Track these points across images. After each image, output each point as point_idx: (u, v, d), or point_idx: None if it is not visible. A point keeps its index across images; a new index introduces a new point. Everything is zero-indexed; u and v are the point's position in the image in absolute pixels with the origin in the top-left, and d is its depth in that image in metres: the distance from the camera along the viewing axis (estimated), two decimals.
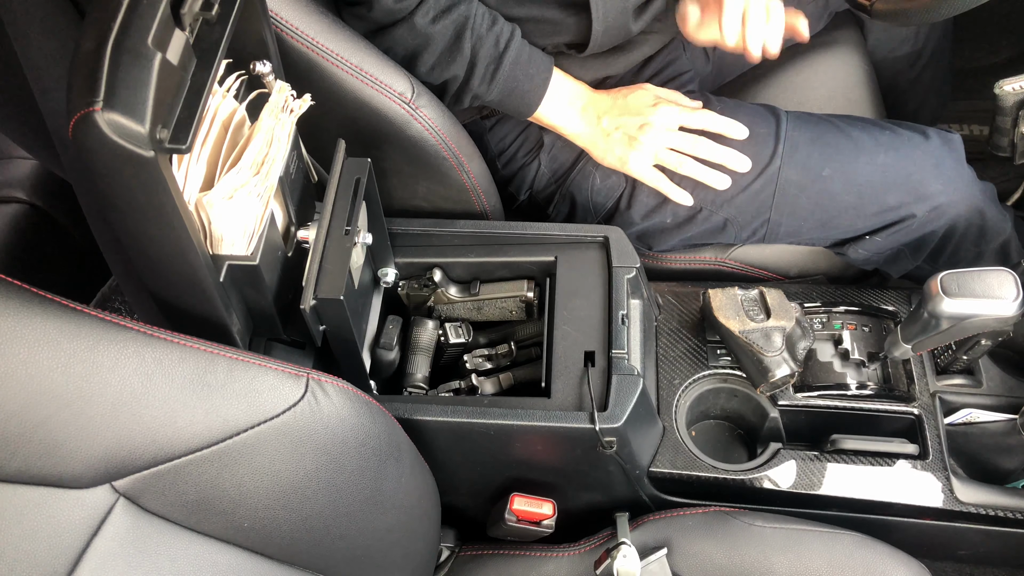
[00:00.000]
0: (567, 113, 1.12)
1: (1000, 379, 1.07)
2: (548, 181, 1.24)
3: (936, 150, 1.13)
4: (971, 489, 0.99)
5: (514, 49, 1.05)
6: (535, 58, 1.08)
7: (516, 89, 1.08)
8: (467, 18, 1.02)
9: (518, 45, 1.06)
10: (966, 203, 1.13)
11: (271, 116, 0.80)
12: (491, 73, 1.05)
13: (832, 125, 1.16)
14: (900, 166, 1.11)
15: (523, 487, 1.01)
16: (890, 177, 1.12)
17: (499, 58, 1.04)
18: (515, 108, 1.11)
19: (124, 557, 0.62)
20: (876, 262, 1.18)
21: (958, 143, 1.15)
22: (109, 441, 0.60)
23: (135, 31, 0.60)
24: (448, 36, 1.02)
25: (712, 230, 1.18)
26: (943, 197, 1.11)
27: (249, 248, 0.77)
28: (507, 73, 1.05)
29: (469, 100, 1.09)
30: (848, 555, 0.94)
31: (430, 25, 1.01)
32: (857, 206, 1.13)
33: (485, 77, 1.05)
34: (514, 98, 1.09)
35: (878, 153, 1.12)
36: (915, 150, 1.12)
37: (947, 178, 1.12)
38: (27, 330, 0.56)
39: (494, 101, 1.09)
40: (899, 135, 1.14)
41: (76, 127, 0.58)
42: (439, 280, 1.06)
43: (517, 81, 1.07)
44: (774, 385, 1.02)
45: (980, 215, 1.14)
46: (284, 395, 0.68)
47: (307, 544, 0.75)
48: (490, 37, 1.04)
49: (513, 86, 1.07)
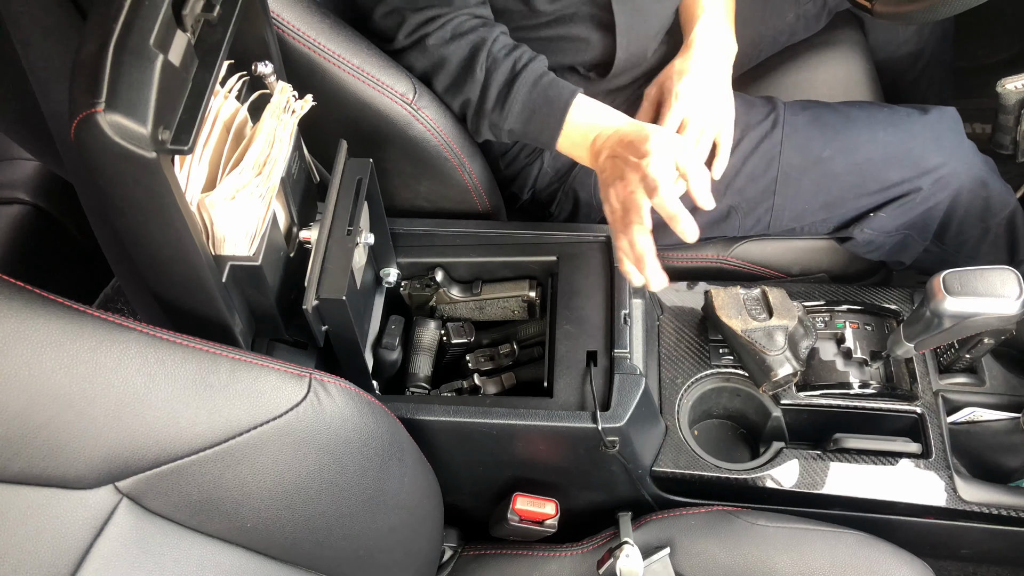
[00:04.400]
0: (581, 143, 1.01)
1: (1003, 378, 1.06)
2: (551, 180, 1.24)
3: (935, 124, 1.13)
4: (974, 488, 0.99)
5: (531, 73, 1.00)
6: (555, 85, 1.01)
7: (534, 116, 1.01)
8: (483, 40, 1.00)
9: (536, 70, 1.00)
10: (968, 174, 1.12)
11: (273, 117, 0.80)
12: (503, 97, 1.00)
13: (829, 107, 1.16)
14: (900, 141, 1.10)
15: (526, 487, 1.01)
16: (891, 153, 1.12)
17: (512, 82, 1.00)
18: (536, 138, 1.03)
19: (127, 558, 0.62)
20: (883, 248, 1.18)
21: (956, 117, 1.15)
22: (112, 442, 0.60)
23: (137, 32, 0.60)
24: (462, 57, 1.00)
25: (716, 219, 1.18)
26: (945, 169, 1.11)
27: (251, 249, 0.77)
28: (521, 98, 1.00)
29: (487, 128, 1.04)
30: (851, 554, 0.94)
31: (443, 47, 1.00)
32: (859, 184, 1.13)
33: (498, 102, 1.01)
34: (533, 127, 1.02)
35: (877, 130, 1.12)
36: (914, 125, 1.13)
37: (948, 150, 1.12)
38: (30, 331, 0.56)
39: (515, 131, 1.03)
40: (897, 112, 1.15)
41: (78, 128, 0.58)
42: (441, 280, 1.06)
43: (535, 107, 1.00)
44: (776, 384, 1.02)
45: (983, 186, 1.14)
46: (287, 395, 0.68)
47: (310, 544, 0.75)
48: (507, 61, 1.00)
49: (530, 114, 1.01)
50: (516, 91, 1.00)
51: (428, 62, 1.02)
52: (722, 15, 1.14)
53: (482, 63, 1.00)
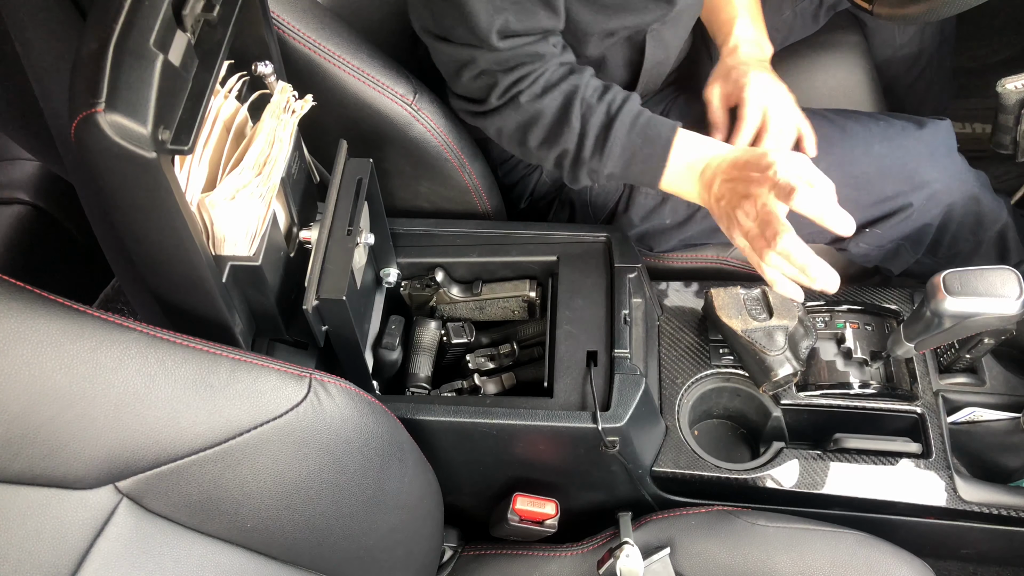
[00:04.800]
0: (688, 177, 0.98)
1: (1003, 378, 1.07)
2: (548, 188, 1.24)
3: (930, 138, 1.13)
4: (974, 488, 0.99)
5: (627, 114, 0.97)
6: (654, 123, 0.98)
7: (636, 157, 0.98)
8: (576, 88, 0.97)
9: (631, 111, 0.98)
10: (961, 190, 1.13)
11: (273, 117, 0.80)
12: (602, 142, 0.97)
13: (825, 119, 1.16)
14: (895, 155, 1.11)
15: (526, 487, 1.01)
16: (886, 166, 1.12)
17: (609, 125, 0.97)
18: (638, 178, 1.00)
19: (127, 558, 0.62)
20: (876, 257, 1.18)
21: (950, 130, 1.16)
22: (112, 442, 0.60)
23: (137, 33, 0.60)
24: (556, 110, 0.97)
25: (712, 229, 1.18)
26: (939, 184, 1.11)
27: (251, 249, 0.77)
28: (621, 141, 0.97)
29: (585, 175, 1.01)
30: (851, 554, 0.94)
31: (536, 101, 0.97)
32: (855, 198, 1.13)
33: (596, 147, 0.97)
34: (635, 167, 0.98)
35: (872, 143, 1.12)
36: (909, 139, 1.13)
37: (942, 165, 1.12)
38: (30, 331, 0.56)
39: (615, 175, 1.00)
40: (892, 125, 1.14)
41: (78, 128, 0.58)
42: (441, 280, 1.06)
43: (635, 148, 0.97)
44: (777, 384, 1.02)
45: (975, 201, 1.14)
46: (287, 395, 0.68)
47: (310, 544, 0.75)
48: (600, 106, 0.97)
49: (631, 154, 0.98)
50: (615, 135, 0.97)
51: (521, 118, 0.98)
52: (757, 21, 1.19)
53: (577, 111, 0.97)
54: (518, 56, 0.95)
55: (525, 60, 0.96)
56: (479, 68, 0.96)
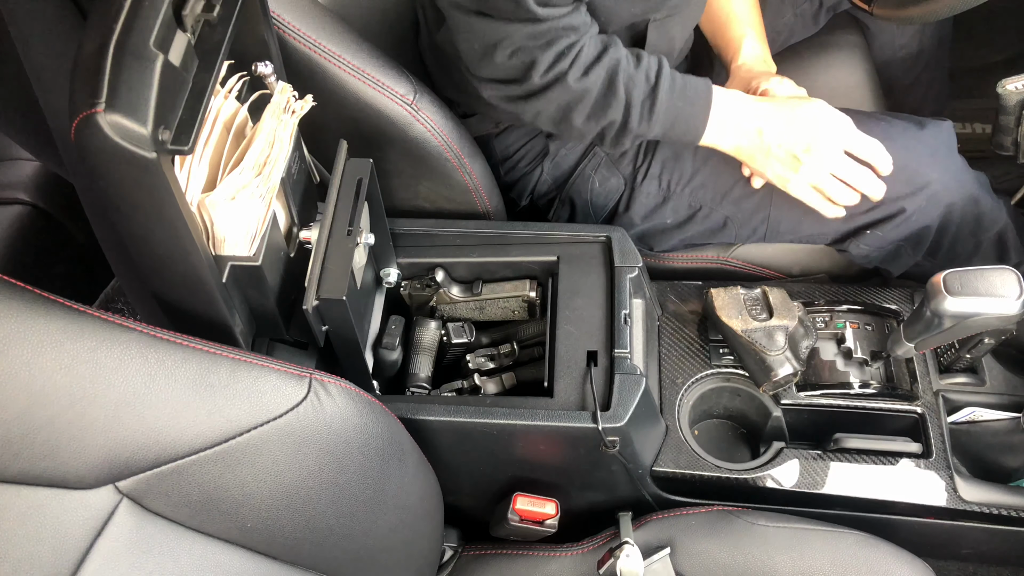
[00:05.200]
0: (728, 128, 1.05)
1: (1003, 377, 1.07)
2: (549, 187, 1.24)
3: (931, 139, 1.13)
4: (975, 488, 0.99)
5: (666, 79, 1.01)
6: (690, 82, 1.03)
7: (679, 118, 1.03)
8: (617, 61, 0.99)
9: (668, 75, 1.02)
10: (961, 191, 1.13)
11: (273, 117, 0.80)
12: (648, 110, 1.01)
13: None
14: (897, 156, 1.11)
15: (526, 487, 1.01)
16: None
17: (653, 92, 1.00)
18: (680, 138, 1.05)
19: (128, 558, 0.62)
20: (877, 259, 1.18)
21: (951, 131, 1.16)
22: (112, 442, 0.60)
23: (137, 33, 0.60)
24: (601, 85, 0.99)
25: (712, 229, 1.18)
26: (939, 185, 1.11)
27: (251, 249, 0.77)
28: (665, 105, 1.01)
29: (630, 140, 1.04)
30: (851, 554, 0.94)
31: (583, 79, 0.98)
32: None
33: (643, 115, 1.01)
34: (678, 127, 1.04)
35: None
36: (910, 140, 1.13)
37: (943, 166, 1.12)
38: (30, 331, 0.56)
39: (658, 135, 1.05)
40: (894, 125, 1.14)
41: (78, 128, 0.58)
42: (441, 280, 1.06)
43: (677, 110, 1.02)
44: (777, 384, 1.02)
45: (975, 203, 1.14)
46: (287, 395, 0.68)
47: (310, 544, 0.75)
48: (640, 75, 1.00)
49: (674, 116, 1.02)
50: (659, 101, 1.01)
51: (569, 97, 0.99)
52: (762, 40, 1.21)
53: (621, 84, 0.99)
54: (555, 30, 0.94)
55: (562, 34, 0.95)
56: (515, 45, 0.95)
